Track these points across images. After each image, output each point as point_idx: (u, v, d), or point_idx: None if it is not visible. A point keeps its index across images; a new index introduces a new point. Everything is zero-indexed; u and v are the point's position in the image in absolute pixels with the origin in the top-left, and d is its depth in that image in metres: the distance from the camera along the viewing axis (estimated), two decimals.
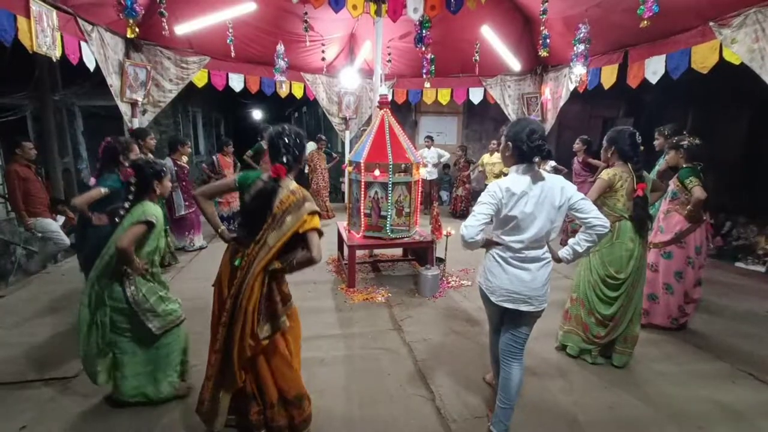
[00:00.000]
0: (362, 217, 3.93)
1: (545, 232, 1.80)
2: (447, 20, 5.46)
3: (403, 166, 3.81)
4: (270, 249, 1.74)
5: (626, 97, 8.66)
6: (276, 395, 1.90)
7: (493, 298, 1.87)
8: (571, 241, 1.91)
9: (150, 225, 2.00)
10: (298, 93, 6.85)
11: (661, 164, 3.65)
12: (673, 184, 3.15)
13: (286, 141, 1.83)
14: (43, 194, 4.35)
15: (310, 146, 9.22)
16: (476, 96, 7.13)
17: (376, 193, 3.84)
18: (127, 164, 2.65)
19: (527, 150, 1.77)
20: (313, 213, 1.77)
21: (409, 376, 2.53)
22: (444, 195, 8.55)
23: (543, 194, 1.77)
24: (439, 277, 3.89)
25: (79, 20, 4.03)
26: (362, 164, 3.80)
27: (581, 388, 2.46)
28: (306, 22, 5.29)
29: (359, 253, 4.39)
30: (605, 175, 2.48)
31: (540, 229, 1.78)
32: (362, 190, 3.86)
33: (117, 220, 2.10)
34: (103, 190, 2.63)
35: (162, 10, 4.31)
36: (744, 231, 6.98)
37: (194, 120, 12.57)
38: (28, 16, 3.25)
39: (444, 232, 3.99)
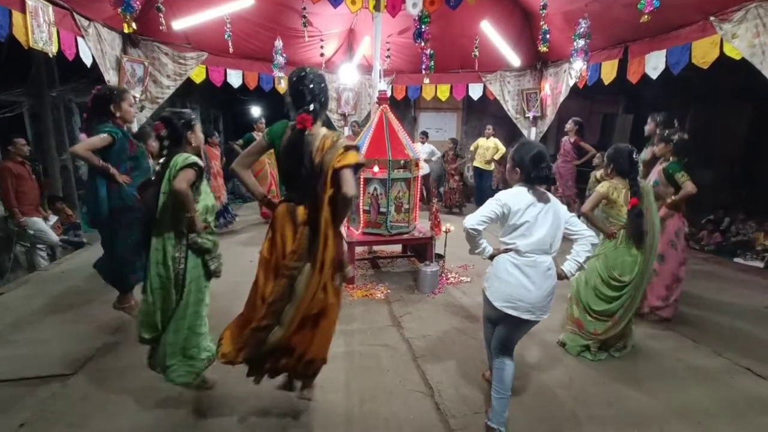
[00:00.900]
0: (361, 213, 3.92)
1: (550, 241, 1.90)
2: (446, 15, 5.43)
3: (402, 162, 3.80)
4: (324, 193, 1.68)
5: (626, 92, 8.63)
6: (312, 353, 1.90)
7: (497, 304, 1.92)
8: (569, 257, 2.01)
9: (198, 168, 1.88)
10: None
11: (646, 153, 3.73)
12: (656, 173, 3.27)
13: (310, 86, 1.73)
14: (33, 193, 4.36)
15: None
16: (476, 92, 7.10)
17: (375, 189, 3.83)
18: (118, 115, 2.59)
19: (535, 177, 1.91)
20: (348, 148, 1.71)
21: (408, 372, 2.53)
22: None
23: (547, 207, 1.91)
24: (438, 273, 3.88)
25: (76, 15, 3.99)
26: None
27: (580, 383, 2.46)
28: (304, 17, 5.24)
29: (358, 249, 4.39)
30: (601, 188, 2.65)
31: (545, 236, 1.88)
32: (361, 186, 3.85)
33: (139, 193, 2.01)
34: (103, 136, 2.46)
35: (159, 5, 4.28)
36: (743, 227, 6.99)
37: None
38: (23, 11, 3.21)
39: (443, 229, 3.99)
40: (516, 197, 1.90)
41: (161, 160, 1.91)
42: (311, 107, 1.72)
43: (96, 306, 3.33)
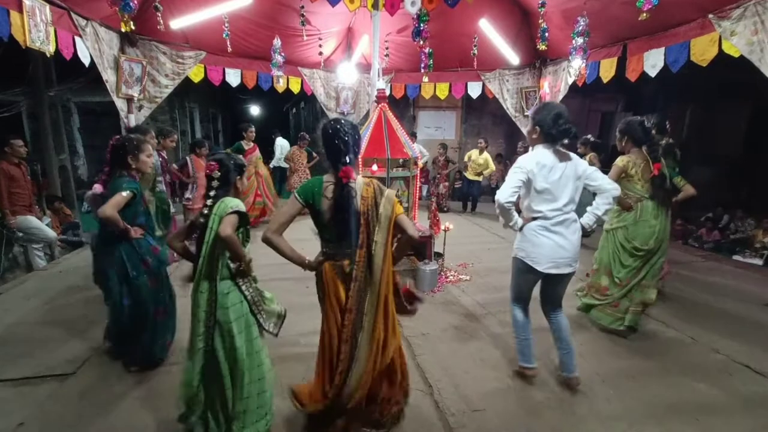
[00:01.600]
0: None
1: (571, 199, 2.07)
2: (445, 14, 5.42)
3: (401, 161, 3.80)
4: (384, 242, 1.72)
5: (625, 90, 8.64)
6: (398, 391, 1.91)
7: (540, 268, 2.09)
8: (589, 208, 2.17)
9: (243, 216, 1.79)
10: (295, 88, 6.80)
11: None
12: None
13: (346, 138, 1.74)
14: (27, 194, 4.35)
15: (283, 144, 9.04)
16: (475, 90, 7.09)
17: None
18: (134, 167, 2.48)
19: (556, 134, 2.01)
20: (395, 198, 1.79)
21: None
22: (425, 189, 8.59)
23: (566, 167, 2.04)
24: (437, 272, 3.89)
25: (73, 15, 3.98)
26: (360, 159, 3.78)
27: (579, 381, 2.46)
28: (303, 16, 5.23)
29: None
30: (620, 162, 2.80)
31: (569, 197, 2.05)
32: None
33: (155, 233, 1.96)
34: (125, 194, 2.30)
35: (157, 4, 4.27)
36: (741, 224, 7.01)
37: (191, 116, 12.51)
38: (20, 10, 3.20)
39: (442, 227, 3.99)
40: (535, 160, 2.02)
41: (208, 203, 1.79)
42: (347, 159, 1.73)
43: (94, 306, 3.32)
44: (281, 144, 8.88)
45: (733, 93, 7.92)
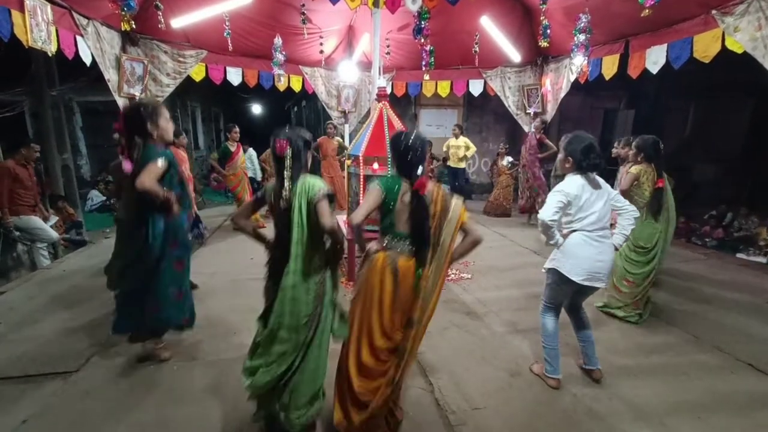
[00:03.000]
0: None
1: (605, 217, 2.26)
2: (446, 11, 5.40)
3: None
4: (448, 245, 1.79)
5: (628, 88, 8.58)
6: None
7: (576, 279, 2.23)
8: (615, 231, 2.38)
9: (331, 198, 1.75)
10: (296, 86, 6.80)
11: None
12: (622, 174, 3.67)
13: (418, 153, 1.83)
14: (31, 194, 4.37)
15: (252, 155, 8.62)
16: (476, 88, 7.07)
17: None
18: (155, 135, 2.22)
19: (586, 166, 2.22)
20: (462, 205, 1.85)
21: None
22: None
23: (598, 192, 2.24)
24: None
25: (74, 14, 3.99)
26: (361, 157, 3.78)
27: (579, 379, 2.46)
28: (303, 14, 5.23)
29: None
30: (634, 170, 3.08)
31: (602, 215, 2.24)
32: (361, 183, 3.84)
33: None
34: (161, 163, 2.09)
35: (158, 2, 4.27)
36: (745, 222, 6.96)
37: (193, 115, 12.53)
38: (22, 10, 3.21)
39: None
40: (572, 185, 2.21)
41: (286, 184, 1.70)
42: (419, 172, 1.84)
43: (98, 303, 3.35)
44: (251, 155, 7.93)
45: (737, 89, 7.86)
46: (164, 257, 2.28)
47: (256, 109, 21.37)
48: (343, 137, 7.45)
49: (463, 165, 7.23)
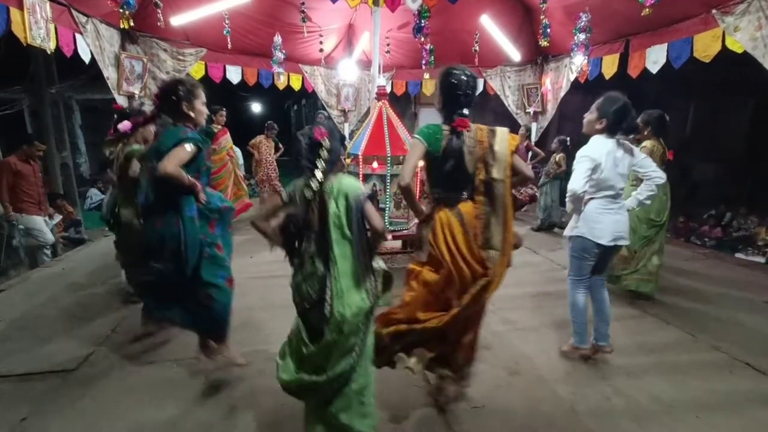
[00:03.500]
0: None
1: (623, 184, 2.32)
2: (446, 10, 5.39)
3: (401, 158, 3.79)
4: (504, 182, 1.77)
5: (628, 87, 8.57)
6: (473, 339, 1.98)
7: (603, 241, 2.30)
8: (633, 193, 2.46)
9: (373, 198, 1.66)
10: (296, 85, 6.79)
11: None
12: None
13: (468, 91, 1.79)
14: (34, 192, 4.36)
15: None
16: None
17: (374, 185, 3.82)
18: (192, 115, 2.06)
19: (625, 128, 2.25)
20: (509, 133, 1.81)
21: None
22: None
23: (625, 157, 2.28)
24: None
25: (73, 12, 3.98)
26: (360, 156, 3.78)
27: (579, 378, 2.46)
28: (303, 12, 5.22)
29: None
30: (648, 144, 3.15)
31: (624, 181, 2.31)
32: (360, 182, 3.84)
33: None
34: (189, 147, 1.90)
35: (157, 0, 4.26)
36: (744, 222, 6.97)
37: None
38: (21, 7, 3.21)
39: None
40: (598, 149, 2.22)
41: (318, 176, 1.53)
42: (465, 111, 1.80)
43: (96, 302, 3.34)
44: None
45: (737, 89, 7.86)
46: (204, 244, 2.07)
47: (256, 107, 21.35)
48: (342, 136, 7.43)
49: None
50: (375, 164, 3.75)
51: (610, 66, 5.17)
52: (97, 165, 9.41)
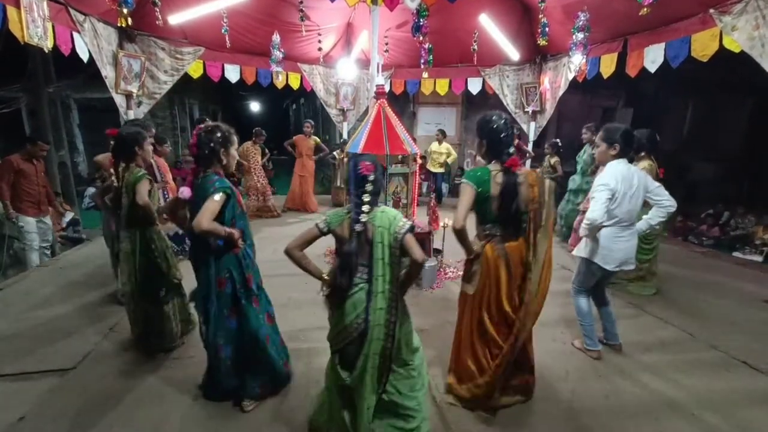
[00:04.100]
0: None
1: (637, 211, 2.41)
2: (445, 9, 5.39)
3: (400, 157, 3.79)
4: (547, 228, 1.93)
5: (626, 86, 8.60)
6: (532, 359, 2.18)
7: (609, 267, 2.43)
8: (645, 217, 2.50)
9: (413, 230, 1.74)
10: (294, 84, 6.79)
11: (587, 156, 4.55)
12: None
13: (510, 132, 1.92)
14: (35, 191, 4.32)
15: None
16: (475, 86, 7.07)
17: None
18: (224, 163, 2.04)
19: (629, 151, 2.42)
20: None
21: None
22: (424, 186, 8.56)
23: (637, 180, 2.37)
24: (436, 268, 3.89)
25: (71, 10, 3.97)
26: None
27: (577, 376, 2.47)
28: (302, 11, 5.21)
29: None
30: (647, 165, 3.21)
31: (637, 206, 2.39)
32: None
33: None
34: (218, 197, 1.89)
35: None
36: (742, 221, 6.99)
37: (191, 112, 12.49)
38: (18, 6, 3.19)
39: (441, 224, 3.99)
40: (613, 177, 2.31)
41: (364, 209, 1.64)
42: (510, 151, 1.93)
43: (95, 301, 3.34)
44: None
45: (735, 89, 7.88)
46: (247, 297, 2.07)
47: (255, 106, 21.32)
48: (341, 134, 7.44)
49: (442, 170, 7.34)
50: None
51: (608, 65, 5.18)
52: (95, 164, 9.38)
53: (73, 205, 6.80)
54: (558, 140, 5.63)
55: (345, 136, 7.29)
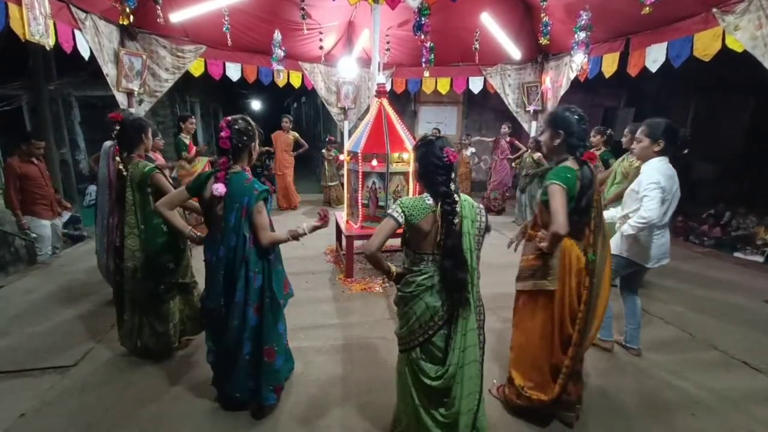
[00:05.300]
0: (360, 207, 3.92)
1: (672, 209, 2.40)
2: (446, 8, 5.37)
3: (399, 156, 3.78)
4: (605, 222, 1.95)
5: (628, 86, 8.57)
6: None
7: (648, 265, 2.44)
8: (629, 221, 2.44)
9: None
10: (296, 82, 6.78)
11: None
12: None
13: (584, 126, 1.88)
14: (45, 192, 4.24)
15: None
16: (476, 85, 7.05)
17: (373, 183, 3.82)
18: (254, 155, 2.02)
19: (681, 144, 2.38)
20: None
21: None
22: None
23: (676, 177, 2.36)
24: None
25: (72, 8, 3.96)
26: (360, 154, 3.77)
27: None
28: (303, 9, 5.20)
29: (357, 243, 4.39)
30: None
31: (674, 205, 2.38)
32: (360, 180, 3.84)
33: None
34: (264, 209, 1.92)
35: None
36: (743, 221, 6.97)
37: (192, 110, 12.49)
38: (19, 3, 3.18)
39: None
40: (663, 174, 2.27)
41: (456, 198, 1.60)
42: (586, 144, 1.91)
43: (95, 298, 3.35)
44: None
45: (737, 88, 7.85)
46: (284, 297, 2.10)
47: (256, 104, 21.30)
48: (342, 134, 7.43)
49: None
50: (374, 162, 3.75)
51: (610, 64, 5.16)
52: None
53: (74, 202, 6.81)
54: (541, 138, 5.64)
55: (346, 134, 7.29)
